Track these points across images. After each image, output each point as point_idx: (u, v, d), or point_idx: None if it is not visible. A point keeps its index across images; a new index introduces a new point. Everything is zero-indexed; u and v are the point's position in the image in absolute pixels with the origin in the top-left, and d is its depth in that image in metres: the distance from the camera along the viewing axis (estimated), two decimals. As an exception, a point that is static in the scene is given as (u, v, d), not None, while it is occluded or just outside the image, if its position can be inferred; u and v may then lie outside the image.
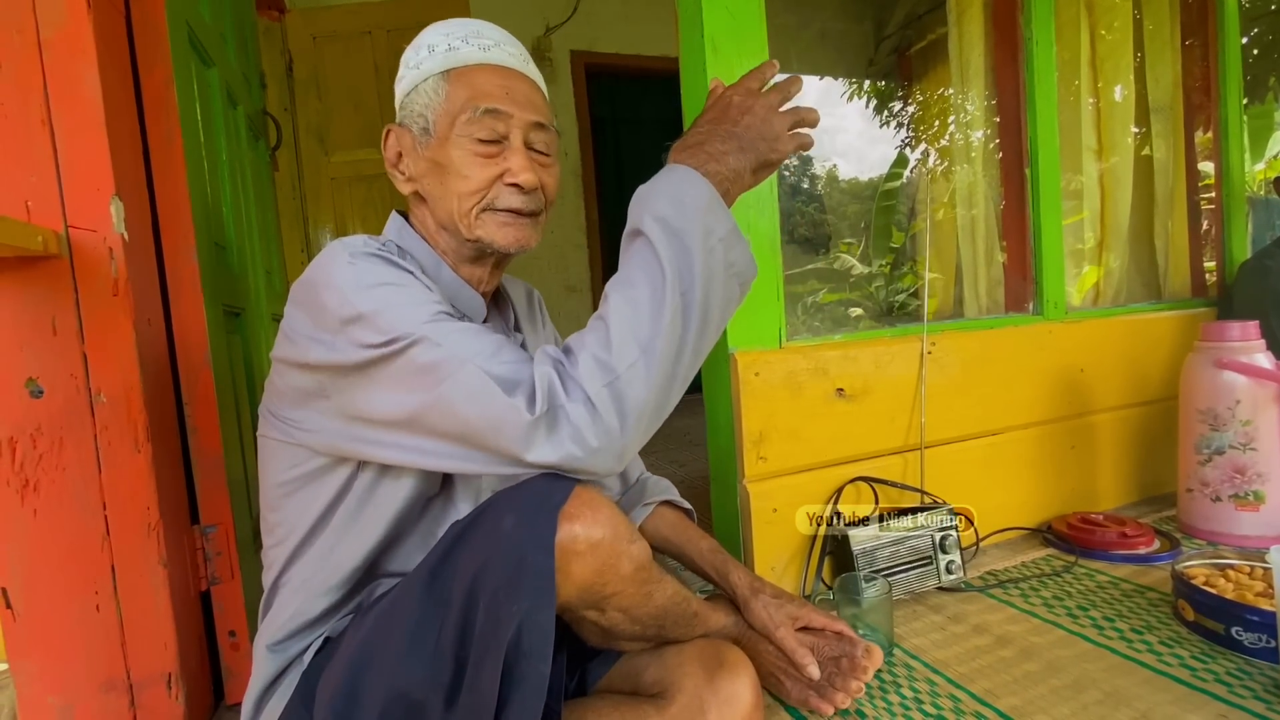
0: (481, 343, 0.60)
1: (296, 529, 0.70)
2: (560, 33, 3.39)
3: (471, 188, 0.70)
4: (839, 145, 3.77)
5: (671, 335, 0.58)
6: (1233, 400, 1.23)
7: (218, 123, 1.20)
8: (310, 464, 0.69)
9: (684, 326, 0.59)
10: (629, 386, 0.56)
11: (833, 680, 0.83)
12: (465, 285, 0.76)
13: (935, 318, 1.45)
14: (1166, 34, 1.71)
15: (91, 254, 0.81)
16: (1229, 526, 1.25)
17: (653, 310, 0.57)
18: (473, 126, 0.69)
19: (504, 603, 0.55)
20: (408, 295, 0.62)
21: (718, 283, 0.60)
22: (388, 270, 0.64)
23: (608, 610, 0.65)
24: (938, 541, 1.15)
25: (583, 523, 0.58)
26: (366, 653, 0.61)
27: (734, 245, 0.62)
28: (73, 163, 0.81)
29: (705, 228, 0.60)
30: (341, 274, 0.62)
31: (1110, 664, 0.90)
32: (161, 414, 0.91)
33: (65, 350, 0.81)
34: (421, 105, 0.71)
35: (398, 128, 0.75)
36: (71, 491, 0.81)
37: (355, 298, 0.61)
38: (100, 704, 0.83)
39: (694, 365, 0.61)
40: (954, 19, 1.53)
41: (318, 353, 0.63)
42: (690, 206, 0.60)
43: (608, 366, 0.56)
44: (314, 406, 0.66)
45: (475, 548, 0.59)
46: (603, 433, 0.57)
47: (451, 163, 0.70)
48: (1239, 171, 1.75)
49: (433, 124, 0.71)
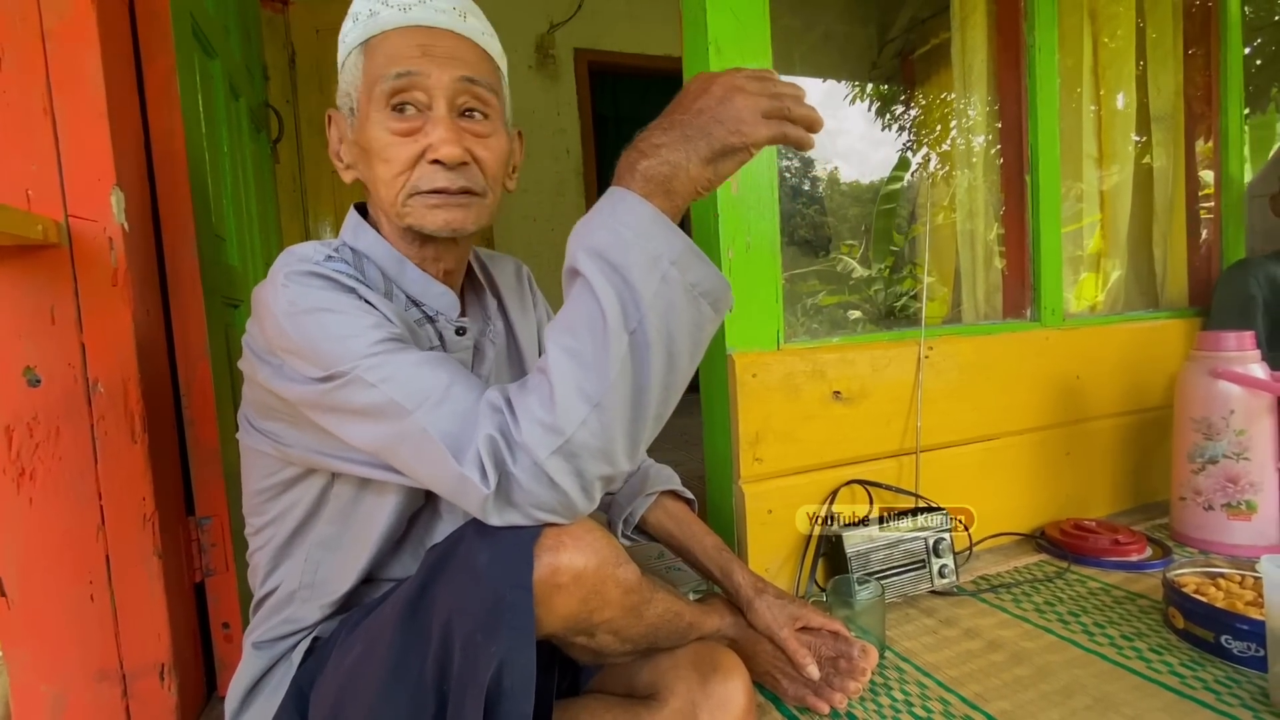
0: (426, 384, 0.55)
1: (277, 536, 0.70)
2: (564, 30, 3.39)
3: (393, 172, 0.63)
4: (840, 148, 3.79)
5: (624, 380, 0.51)
6: (1227, 410, 1.24)
7: (220, 114, 1.20)
8: (286, 473, 0.68)
9: (639, 367, 0.52)
10: (583, 448, 0.51)
11: (830, 680, 0.83)
12: (433, 281, 0.70)
13: (934, 322, 1.45)
14: (1169, 43, 1.72)
15: (91, 244, 0.81)
16: (1221, 535, 1.26)
17: (597, 358, 0.51)
18: (386, 99, 0.62)
19: (482, 644, 0.53)
20: (344, 324, 0.57)
21: (679, 310, 0.52)
22: (323, 294, 0.59)
23: (597, 634, 0.63)
24: (931, 545, 1.16)
25: (566, 551, 0.55)
26: (352, 683, 0.60)
27: (692, 265, 0.53)
28: (74, 152, 0.81)
29: (649, 254, 0.51)
30: (276, 299, 0.58)
31: (1100, 670, 0.90)
32: (159, 405, 0.91)
33: (63, 340, 0.81)
34: (346, 83, 0.66)
35: (334, 111, 0.69)
36: (67, 481, 0.81)
37: (289, 326, 0.57)
38: (93, 693, 0.83)
39: (667, 399, 0.55)
40: (957, 24, 1.53)
41: (266, 374, 0.61)
42: (628, 233, 0.52)
43: (554, 429, 0.50)
44: (282, 420, 0.65)
45: (451, 583, 0.56)
46: (560, 502, 0.53)
47: (371, 145, 0.63)
48: (1238, 181, 1.75)
49: (356, 103, 0.65)
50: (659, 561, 1.41)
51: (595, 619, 0.59)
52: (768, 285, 1.16)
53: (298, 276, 0.59)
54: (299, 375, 0.58)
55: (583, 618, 0.58)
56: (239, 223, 1.27)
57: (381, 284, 0.68)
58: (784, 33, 1.19)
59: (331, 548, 0.69)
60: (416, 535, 0.71)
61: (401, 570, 0.71)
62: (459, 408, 0.54)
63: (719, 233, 1.11)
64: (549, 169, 3.46)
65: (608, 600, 0.59)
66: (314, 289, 0.59)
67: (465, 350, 0.74)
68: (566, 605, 0.56)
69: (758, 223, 1.15)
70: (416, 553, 0.71)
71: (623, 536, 0.94)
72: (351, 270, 0.65)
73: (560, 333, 0.53)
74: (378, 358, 0.56)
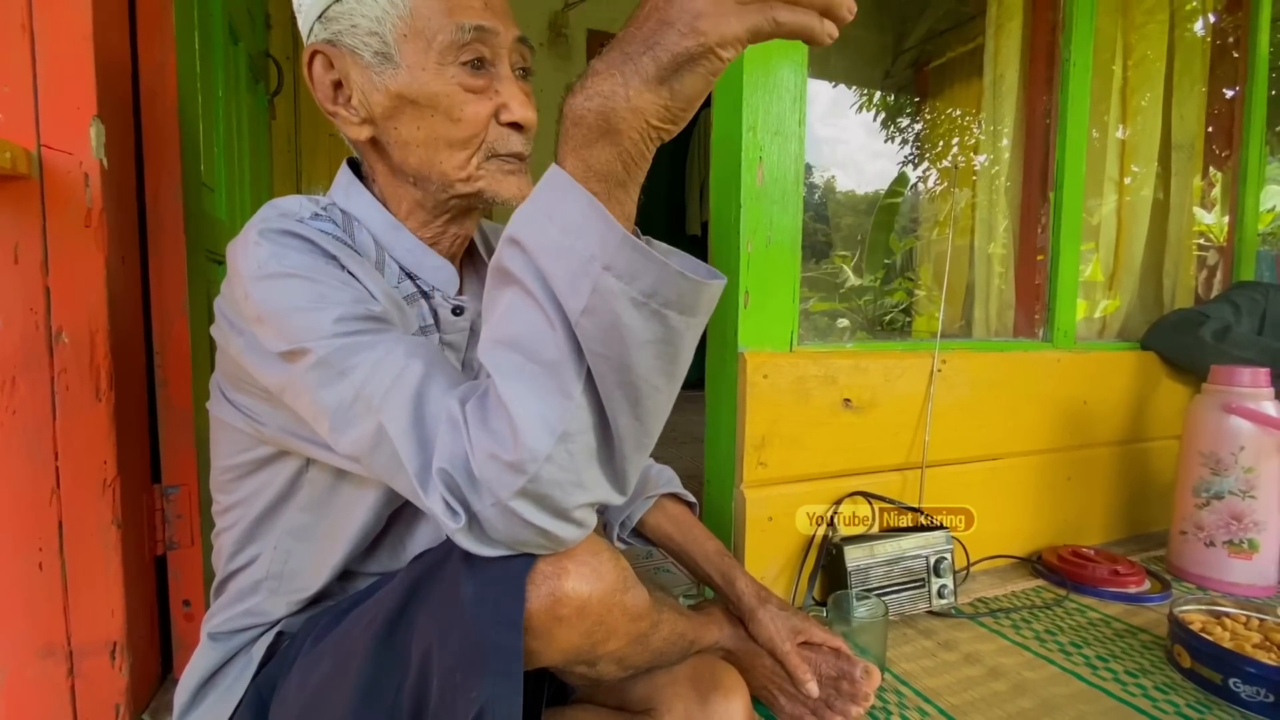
0: (397, 379, 0.48)
1: (245, 518, 0.63)
2: (578, 10, 3.31)
3: (466, 133, 0.57)
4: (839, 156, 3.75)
5: (585, 410, 0.44)
6: (1236, 446, 1.22)
7: (216, 55, 1.12)
8: (258, 451, 0.61)
9: (595, 398, 0.44)
10: (553, 485, 0.43)
11: (831, 702, 0.79)
12: (430, 253, 0.63)
13: (922, 335, 1.42)
14: (1196, 72, 1.70)
15: (65, 178, 0.74)
16: (1219, 573, 1.24)
17: (547, 383, 0.43)
18: (455, 51, 0.56)
19: (461, 685, 0.47)
20: (316, 293, 0.51)
21: (628, 331, 0.41)
22: (298, 258, 0.52)
23: (599, 664, 0.56)
24: (932, 564, 1.12)
25: (569, 578, 0.48)
26: (319, 702, 0.54)
27: (639, 269, 0.40)
28: (52, 76, 0.73)
29: (579, 258, 0.40)
30: (246, 258, 0.52)
31: (1105, 707, 0.87)
32: (128, 361, 0.83)
33: (26, 281, 0.73)
34: (372, 20, 0.55)
35: (330, 49, 0.57)
36: (21, 437, 0.74)
37: (256, 291, 0.51)
38: (35, 671, 0.76)
39: (644, 428, 0.46)
40: (992, 32, 1.49)
41: (239, 346, 0.55)
42: (553, 228, 0.41)
43: (515, 467, 0.43)
44: (256, 396, 0.58)
45: (433, 611, 0.50)
46: (541, 536, 0.46)
47: (435, 99, 0.56)
48: (1253, 216, 1.75)
49: (394, 46, 0.56)
50: (647, 562, 1.36)
51: (599, 651, 0.53)
52: (785, 284, 1.11)
53: (272, 235, 0.52)
54: (267, 347, 0.52)
55: (585, 650, 0.52)
56: (229, 174, 1.19)
57: (373, 252, 0.61)
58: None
59: (303, 538, 0.62)
60: (396, 533, 0.65)
61: (378, 566, 0.65)
62: (433, 407, 0.47)
63: (740, 225, 1.06)
64: (555, 149, 3.38)
65: (614, 631, 0.52)
66: (289, 251, 0.52)
67: (461, 332, 0.67)
68: (568, 639, 0.50)
69: (780, 217, 1.10)
70: (395, 551, 0.65)
71: (619, 540, 0.89)
72: (339, 233, 0.59)
73: (505, 348, 0.44)
74: (350, 339, 0.49)
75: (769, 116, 1.07)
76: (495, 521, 0.45)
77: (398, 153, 0.59)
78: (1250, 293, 1.55)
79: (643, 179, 0.43)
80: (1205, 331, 1.45)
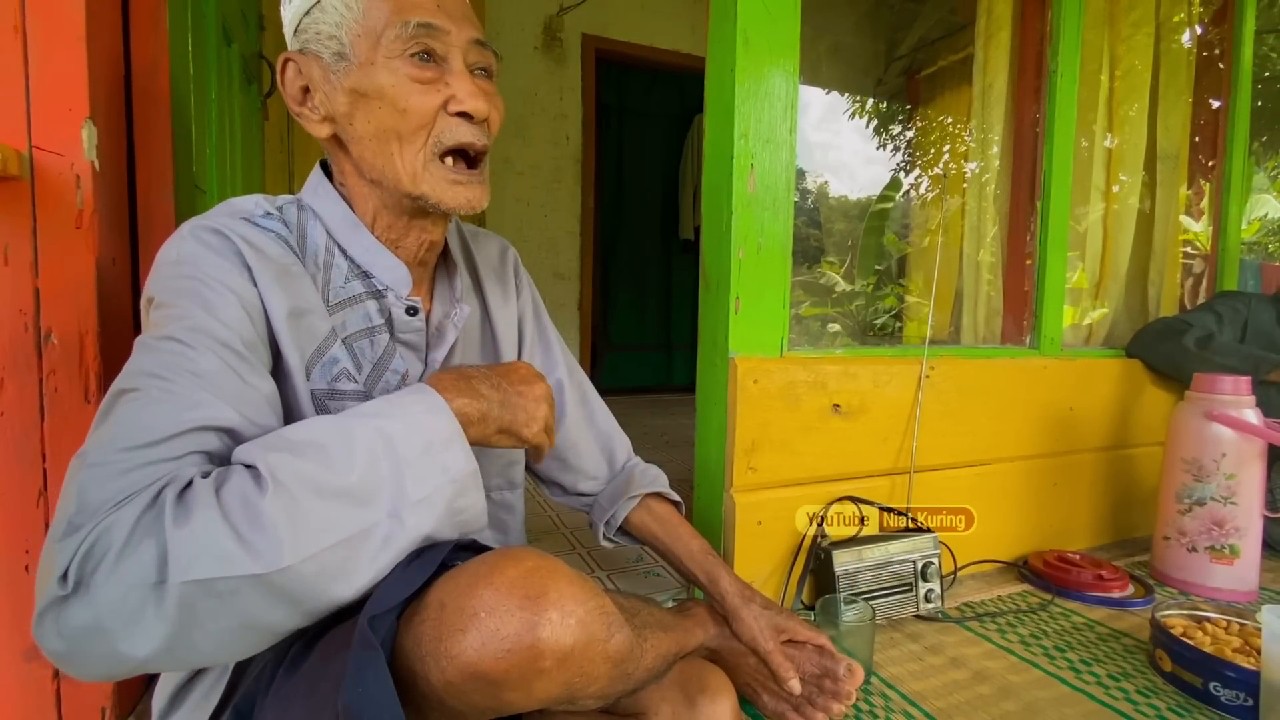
0: (155, 412, 0.48)
1: None
2: (574, 14, 3.32)
3: (412, 124, 0.59)
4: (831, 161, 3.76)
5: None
6: (1219, 453, 1.24)
7: (210, 57, 1.12)
8: None
9: None
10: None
11: (813, 699, 0.79)
12: (385, 252, 0.65)
13: (912, 342, 1.44)
14: (1182, 83, 1.72)
15: (56, 179, 0.74)
16: (1201, 578, 1.26)
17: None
18: (402, 46, 0.59)
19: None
20: (196, 302, 0.53)
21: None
22: (210, 258, 0.55)
23: (579, 702, 0.53)
24: (920, 569, 1.13)
25: (554, 628, 0.46)
26: (300, 690, 0.51)
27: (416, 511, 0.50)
28: (44, 77, 0.73)
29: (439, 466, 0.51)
30: (168, 247, 0.56)
31: (1087, 709, 0.88)
32: (118, 363, 0.82)
33: (16, 282, 0.73)
34: (331, 25, 0.60)
35: (299, 56, 0.62)
36: (8, 438, 0.73)
37: (155, 279, 0.55)
38: (20, 674, 0.75)
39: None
40: (981, 42, 1.51)
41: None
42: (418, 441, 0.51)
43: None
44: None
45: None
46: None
47: (381, 90, 0.59)
48: (1236, 225, 1.77)
49: (349, 46, 0.59)
50: (638, 565, 1.37)
51: (578, 696, 0.50)
52: (776, 290, 1.12)
53: (204, 234, 0.56)
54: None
55: (564, 699, 0.49)
56: (222, 176, 1.19)
57: (322, 251, 0.63)
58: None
59: None
60: None
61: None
62: (134, 471, 0.46)
63: (731, 231, 1.07)
64: (547, 154, 3.39)
65: (595, 678, 0.50)
66: (205, 250, 0.55)
67: (417, 333, 0.68)
68: (547, 690, 0.47)
69: (771, 224, 1.11)
70: None
71: (605, 539, 0.90)
72: (286, 235, 0.62)
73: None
74: (168, 352, 0.51)
75: (760, 124, 1.08)
76: (101, 603, 0.41)
77: (355, 148, 0.62)
78: (1232, 302, 1.58)
79: None
80: (1188, 339, 1.47)
